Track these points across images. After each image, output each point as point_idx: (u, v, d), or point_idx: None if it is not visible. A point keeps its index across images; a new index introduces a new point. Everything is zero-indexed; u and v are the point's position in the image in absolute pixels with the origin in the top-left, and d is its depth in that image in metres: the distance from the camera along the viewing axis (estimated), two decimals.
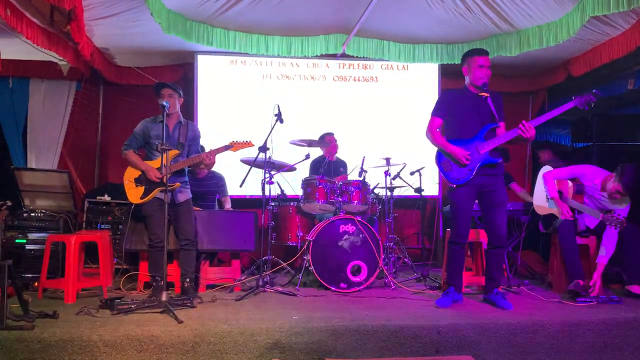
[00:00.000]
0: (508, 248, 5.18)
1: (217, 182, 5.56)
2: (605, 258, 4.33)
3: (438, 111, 4.14)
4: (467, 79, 4.11)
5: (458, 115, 4.07)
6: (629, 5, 4.38)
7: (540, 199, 4.80)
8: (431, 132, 4.11)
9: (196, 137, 4.44)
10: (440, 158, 4.09)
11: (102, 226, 5.68)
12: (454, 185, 4.02)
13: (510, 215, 5.21)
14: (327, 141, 5.81)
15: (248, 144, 4.42)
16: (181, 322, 3.33)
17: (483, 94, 3.98)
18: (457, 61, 6.40)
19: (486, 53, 4.06)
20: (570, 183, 4.66)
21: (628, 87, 6.36)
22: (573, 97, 3.96)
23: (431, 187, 6.86)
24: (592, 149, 6.12)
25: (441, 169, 4.08)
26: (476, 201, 4.17)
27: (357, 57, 6.47)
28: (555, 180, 4.63)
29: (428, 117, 4.18)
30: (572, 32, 5.10)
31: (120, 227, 5.55)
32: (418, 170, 5.89)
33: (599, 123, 5.97)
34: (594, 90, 3.92)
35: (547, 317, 3.57)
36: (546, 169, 4.78)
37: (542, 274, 5.45)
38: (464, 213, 4.04)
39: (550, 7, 5.13)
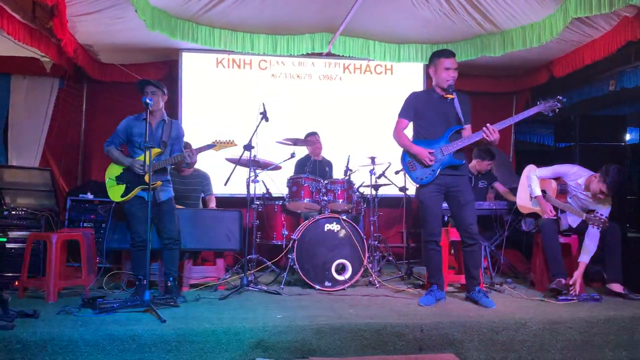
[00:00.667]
0: (491, 247, 5.22)
1: (202, 180, 5.54)
2: (587, 257, 4.38)
3: (405, 113, 4.19)
4: (434, 81, 4.16)
5: (424, 117, 4.12)
6: (610, 7, 4.43)
7: (524, 198, 4.85)
8: (397, 133, 4.18)
9: (179, 136, 4.40)
10: (404, 158, 4.18)
11: (85, 224, 5.62)
12: (418, 185, 4.11)
13: (494, 215, 5.26)
14: (311, 141, 5.81)
15: (231, 144, 4.40)
16: (164, 321, 3.30)
17: (449, 95, 4.01)
18: None
19: (452, 55, 4.09)
20: (554, 182, 4.71)
21: (610, 88, 6.45)
22: (538, 102, 3.99)
23: (415, 186, 6.89)
24: (574, 149, 6.19)
25: (405, 169, 4.16)
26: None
27: (342, 56, 6.47)
28: (539, 179, 4.68)
29: None
30: (555, 33, 5.15)
31: (104, 225, 5.49)
32: (402, 170, 5.89)
33: (582, 123, 6.05)
34: (558, 97, 3.94)
35: (529, 315, 3.61)
36: (530, 168, 4.83)
37: (525, 272, 5.50)
38: (432, 211, 4.09)
39: (533, 9, 5.18)
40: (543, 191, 4.67)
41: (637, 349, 3.56)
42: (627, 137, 6.58)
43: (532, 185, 4.68)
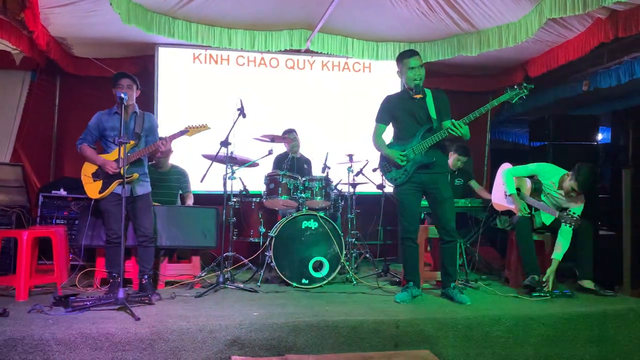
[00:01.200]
0: (466, 244, 5.28)
1: (180, 177, 5.47)
2: (560, 254, 4.46)
3: (380, 117, 4.27)
4: (402, 82, 4.21)
5: (398, 119, 4.19)
6: (584, 9, 4.51)
7: (499, 196, 4.90)
8: (373, 138, 4.27)
9: (153, 126, 4.33)
10: (381, 162, 4.28)
11: (58, 221, 5.52)
12: (394, 185, 4.17)
13: (469, 212, 5.31)
14: (289, 138, 5.78)
15: (204, 127, 4.34)
16: (138, 319, 3.26)
17: (417, 95, 4.05)
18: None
19: (415, 54, 4.13)
20: (529, 181, 4.77)
21: (583, 88, 6.56)
22: (506, 90, 4.07)
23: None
24: (548, 148, 6.29)
25: (382, 171, 4.27)
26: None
27: (321, 53, 6.46)
28: (514, 178, 4.73)
29: None
30: (530, 33, 5.22)
31: (77, 222, 5.40)
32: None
33: (556, 123, 6.14)
34: (524, 84, 4.01)
35: (503, 311, 3.67)
36: (505, 166, 4.88)
37: (499, 269, 5.57)
38: (408, 209, 4.13)
39: (509, 9, 5.24)
40: (518, 189, 4.73)
41: (608, 343, 3.65)
42: (600, 136, 6.71)
43: (506, 183, 4.73)
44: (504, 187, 4.78)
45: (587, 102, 7.64)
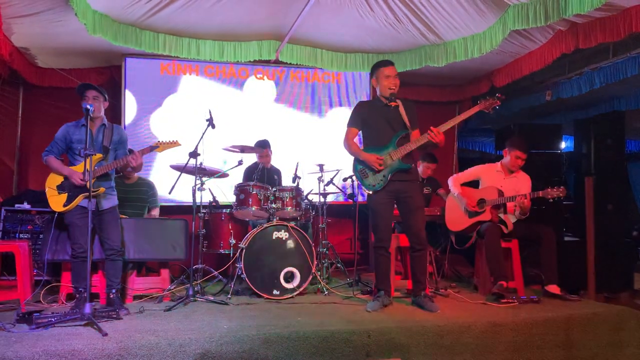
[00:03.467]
0: (435, 252, 5.34)
1: (148, 190, 5.39)
2: None
3: (353, 122, 4.31)
4: (377, 90, 4.29)
5: (371, 125, 4.24)
6: (545, 21, 4.67)
7: (453, 217, 5.01)
8: (347, 142, 4.30)
9: (122, 139, 4.27)
10: (356, 167, 4.26)
11: (21, 236, 5.38)
12: (370, 192, 4.18)
13: (438, 221, 5.38)
14: (262, 153, 5.77)
15: (174, 144, 4.31)
16: (106, 334, 3.19)
17: (392, 103, 4.14)
18: None
19: (391, 64, 4.23)
20: (495, 191, 4.83)
21: (546, 98, 6.76)
22: (478, 102, 4.16)
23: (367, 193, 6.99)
24: None
25: (358, 177, 4.25)
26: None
27: (290, 64, 6.48)
28: (470, 190, 4.95)
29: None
30: (494, 44, 5.35)
31: (41, 236, 5.26)
32: (351, 177, 5.95)
33: (521, 132, 6.28)
34: (497, 95, 4.12)
35: (472, 318, 3.71)
36: (451, 179, 5.15)
37: (469, 276, 5.65)
38: (382, 218, 4.16)
39: (474, 20, 5.35)
40: (482, 199, 4.83)
41: (574, 348, 3.72)
42: (563, 145, 6.88)
43: (452, 186, 5.00)
44: (451, 190, 5.00)
45: (550, 112, 7.85)
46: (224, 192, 5.55)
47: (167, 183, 4.68)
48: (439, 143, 4.02)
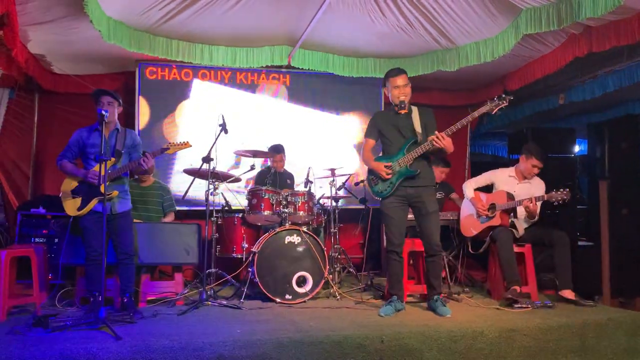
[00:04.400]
0: (449, 257, 5.32)
1: (163, 193, 5.42)
2: None
3: (368, 133, 4.40)
4: (390, 99, 4.33)
5: (386, 135, 4.30)
6: (559, 25, 4.65)
7: (467, 224, 5.00)
8: (362, 152, 4.41)
9: (135, 144, 4.31)
10: (368, 174, 4.36)
11: (37, 240, 5.43)
12: (380, 199, 4.23)
13: (451, 225, 5.36)
14: (276, 158, 5.80)
15: (185, 145, 4.35)
16: (120, 338, 3.22)
17: (402, 111, 4.19)
18: None
19: (400, 73, 4.27)
20: (505, 195, 4.81)
21: (559, 101, 6.71)
22: (486, 102, 4.15)
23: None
24: None
25: (369, 184, 4.35)
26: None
27: (302, 69, 6.50)
28: (484, 194, 4.93)
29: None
30: (507, 49, 5.33)
31: (57, 240, 5.32)
32: (362, 181, 5.96)
33: (533, 136, 6.24)
34: (503, 94, 4.11)
35: (485, 323, 3.69)
36: (465, 184, 5.15)
37: (482, 281, 5.61)
38: (393, 222, 4.18)
39: (486, 25, 5.34)
40: (492, 204, 4.82)
41: (589, 354, 3.69)
42: (577, 148, 6.83)
43: (466, 191, 4.99)
44: (465, 195, 5.01)
45: (563, 115, 7.80)
46: (236, 196, 5.58)
47: (183, 188, 4.71)
48: (445, 148, 4.02)
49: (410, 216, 4.36)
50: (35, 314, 3.79)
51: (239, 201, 5.77)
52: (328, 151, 6.91)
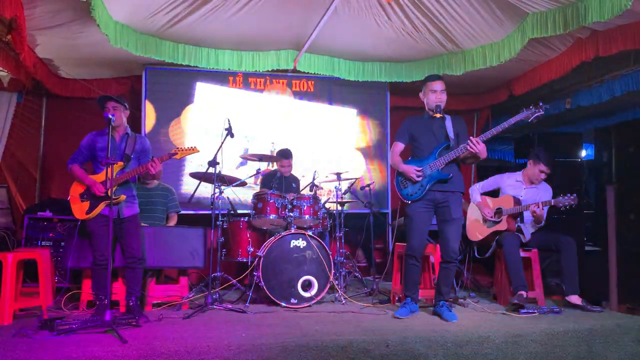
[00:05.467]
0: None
1: (167, 194, 5.44)
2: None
3: (400, 136, 4.38)
4: (425, 104, 4.32)
5: (418, 139, 4.29)
6: (565, 29, 4.64)
7: (472, 228, 4.98)
8: (391, 155, 4.40)
9: (145, 149, 4.33)
10: (397, 177, 4.32)
11: (44, 243, 5.45)
12: (409, 202, 4.18)
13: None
14: (284, 163, 5.80)
15: (192, 150, 4.36)
16: (126, 342, 3.22)
17: (437, 115, 4.16)
18: (405, 79, 6.58)
19: (438, 78, 4.29)
20: (511, 200, 4.80)
21: (566, 106, 6.69)
22: (522, 110, 4.11)
23: (381, 202, 6.99)
24: None
25: (397, 187, 4.31)
26: None
27: (308, 73, 6.51)
28: (491, 199, 4.91)
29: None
30: (513, 53, 5.32)
31: (63, 243, 5.34)
32: (368, 186, 5.96)
33: (540, 140, 6.22)
34: (540, 103, 4.08)
35: (492, 328, 3.67)
36: (472, 188, 5.16)
37: (488, 286, 5.59)
38: (418, 226, 4.16)
39: (492, 29, 5.34)
40: (499, 209, 4.80)
41: (596, 359, 3.65)
42: (583, 153, 6.79)
43: (473, 195, 4.99)
44: (472, 199, 5.01)
45: (570, 120, 7.76)
46: (242, 199, 5.58)
47: (186, 193, 4.72)
48: (479, 153, 3.99)
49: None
50: (41, 317, 3.80)
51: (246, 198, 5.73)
52: (333, 155, 6.91)
